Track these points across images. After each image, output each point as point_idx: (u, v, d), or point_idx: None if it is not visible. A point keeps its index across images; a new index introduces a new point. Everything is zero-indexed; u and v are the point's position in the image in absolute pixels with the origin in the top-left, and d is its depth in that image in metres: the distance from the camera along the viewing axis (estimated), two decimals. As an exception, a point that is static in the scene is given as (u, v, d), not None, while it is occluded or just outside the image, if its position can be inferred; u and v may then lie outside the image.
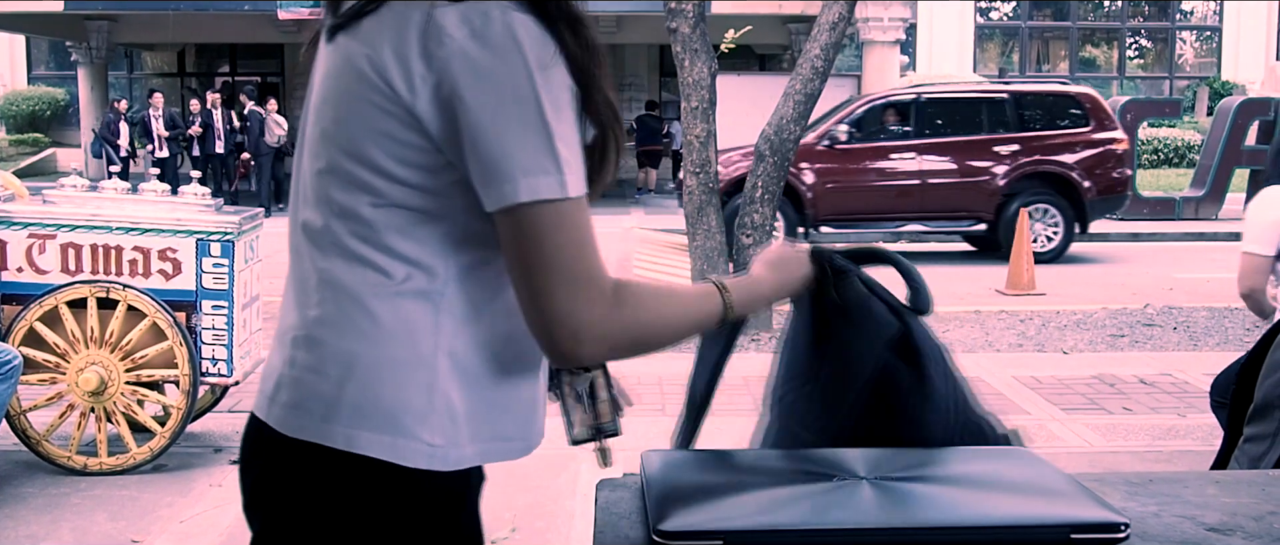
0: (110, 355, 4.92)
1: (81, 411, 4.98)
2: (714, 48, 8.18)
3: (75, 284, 4.89)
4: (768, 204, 8.21)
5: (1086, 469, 5.96)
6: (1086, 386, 6.71)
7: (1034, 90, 14.54)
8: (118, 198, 5.11)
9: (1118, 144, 13.77)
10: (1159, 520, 1.30)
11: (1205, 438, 5.68)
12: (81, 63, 24.62)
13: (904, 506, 1.25)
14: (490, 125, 1.29)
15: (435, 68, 1.30)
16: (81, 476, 4.93)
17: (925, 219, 13.76)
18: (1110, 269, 12.92)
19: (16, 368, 4.60)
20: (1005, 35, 31.13)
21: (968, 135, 13.50)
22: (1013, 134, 13.50)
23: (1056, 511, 1.23)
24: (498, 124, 1.29)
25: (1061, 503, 1.26)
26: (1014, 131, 13.54)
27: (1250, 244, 4.03)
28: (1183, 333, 8.45)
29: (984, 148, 13.49)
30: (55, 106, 28.24)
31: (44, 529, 4.35)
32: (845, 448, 1.53)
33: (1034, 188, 13.36)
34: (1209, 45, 31.11)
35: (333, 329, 1.39)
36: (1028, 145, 13.44)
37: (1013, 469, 1.38)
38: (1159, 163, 25.04)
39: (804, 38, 11.66)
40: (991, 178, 13.37)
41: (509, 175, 1.30)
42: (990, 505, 1.25)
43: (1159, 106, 19.37)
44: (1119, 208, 14.06)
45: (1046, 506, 1.25)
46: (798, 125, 8.22)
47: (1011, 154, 13.41)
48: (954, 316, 9.08)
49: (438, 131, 1.32)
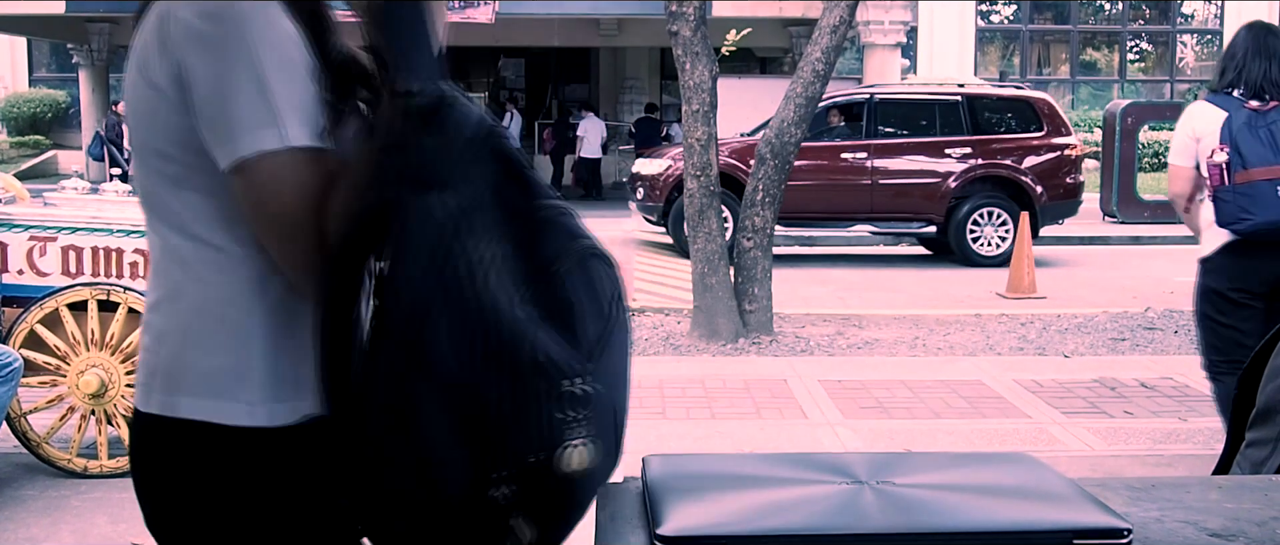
0: (111, 358, 4.92)
1: (82, 414, 4.98)
2: (715, 51, 8.18)
3: (76, 286, 4.89)
4: (768, 207, 8.20)
5: (1087, 473, 5.96)
6: (1087, 390, 6.71)
7: (988, 94, 14.50)
8: (119, 200, 5.12)
9: (1071, 150, 13.76)
10: (1161, 526, 1.30)
11: (1206, 442, 5.68)
12: (83, 65, 24.64)
13: (906, 511, 1.25)
14: (213, 90, 1.41)
15: (170, 48, 1.43)
16: (82, 479, 4.93)
17: (875, 219, 13.76)
18: (1111, 272, 12.91)
19: (17, 370, 4.60)
20: (1006, 38, 31.14)
21: (920, 137, 13.52)
22: (965, 137, 13.49)
23: (1059, 517, 1.23)
24: (220, 87, 1.40)
25: (1064, 508, 1.25)
26: (967, 135, 13.53)
27: (1174, 156, 4.75)
28: (1184, 336, 8.44)
29: (935, 149, 13.49)
30: (56, 109, 28.24)
31: (44, 531, 4.35)
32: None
33: (985, 191, 13.36)
34: (1210, 48, 31.11)
35: (158, 309, 1.56)
36: (979, 148, 13.42)
37: (1014, 474, 1.38)
38: (1160, 166, 25.01)
39: (805, 41, 11.67)
40: (942, 180, 13.36)
41: (232, 134, 1.41)
42: (993, 510, 1.25)
43: (1160, 110, 19.36)
44: (1071, 213, 14.03)
45: (1049, 512, 1.25)
46: (798, 128, 8.22)
47: (962, 156, 13.40)
48: (955, 319, 9.08)
49: (189, 109, 1.44)
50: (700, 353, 7.70)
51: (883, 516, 1.24)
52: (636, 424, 5.48)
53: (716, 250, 8.05)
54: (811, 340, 8.13)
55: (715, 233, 8.05)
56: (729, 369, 7.19)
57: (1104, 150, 17.90)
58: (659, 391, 6.59)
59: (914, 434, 5.79)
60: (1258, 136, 4.34)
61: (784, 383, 6.81)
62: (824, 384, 6.77)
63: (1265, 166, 4.31)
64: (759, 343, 7.98)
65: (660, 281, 11.66)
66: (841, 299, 10.78)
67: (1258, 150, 4.32)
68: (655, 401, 6.37)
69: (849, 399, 6.45)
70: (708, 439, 5.67)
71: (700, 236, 8.07)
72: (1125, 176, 17.25)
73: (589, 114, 23.60)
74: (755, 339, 8.05)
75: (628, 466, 1.56)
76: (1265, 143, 4.33)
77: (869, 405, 6.33)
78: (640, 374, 7.04)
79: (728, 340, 7.96)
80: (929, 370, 7.20)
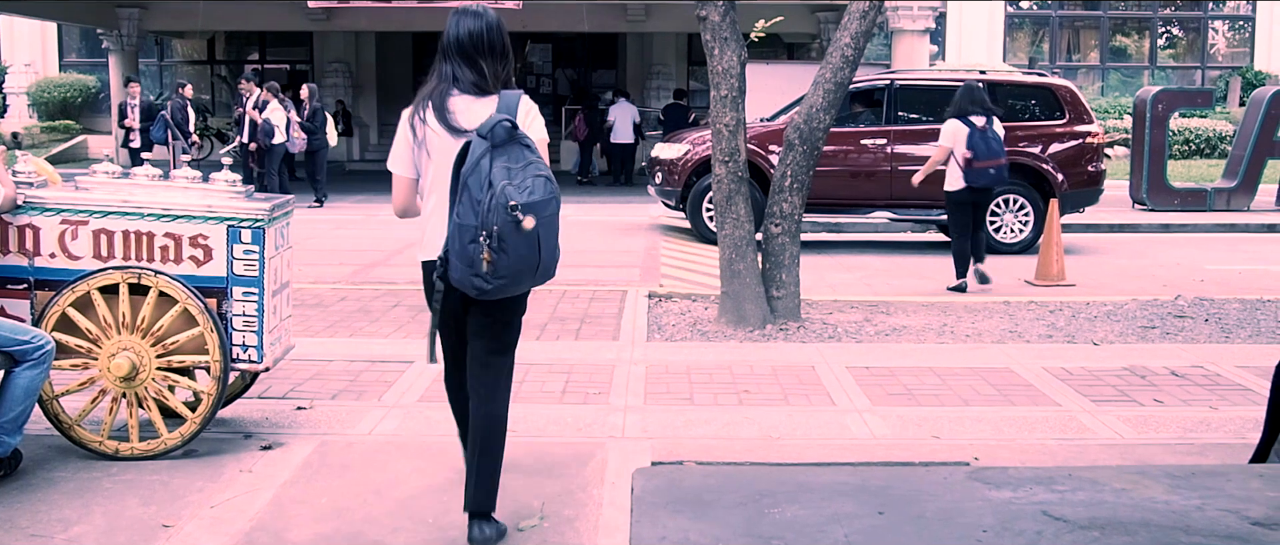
0: (142, 341, 4.94)
1: (113, 397, 5.01)
2: (743, 36, 8.15)
3: (107, 270, 4.92)
4: (796, 193, 8.17)
5: (1118, 461, 5.92)
6: (1117, 378, 6.67)
7: (1011, 80, 14.34)
8: (149, 184, 5.13)
9: (1093, 137, 13.62)
10: (1202, 514, 1.28)
11: (1238, 431, 5.64)
12: (112, 50, 24.77)
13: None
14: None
15: None
16: (113, 461, 4.96)
17: (895, 206, 13.68)
18: (1140, 260, 12.83)
19: (49, 353, 4.63)
20: (1035, 24, 30.93)
21: (940, 123, 13.47)
22: None
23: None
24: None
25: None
26: None
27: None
28: (1214, 325, 8.38)
29: None
30: (86, 94, 28.45)
31: (76, 513, 4.38)
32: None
33: (1006, 178, 13.26)
34: (1242, 35, 30.82)
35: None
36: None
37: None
38: (1190, 153, 24.85)
39: (833, 26, 11.59)
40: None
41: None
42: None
43: (1191, 97, 19.18)
44: (1092, 202, 13.88)
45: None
46: (827, 114, 8.18)
47: None
48: (983, 307, 9.04)
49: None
50: (728, 339, 7.68)
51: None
52: (665, 410, 5.53)
53: (744, 236, 8.02)
54: (839, 327, 8.10)
55: (743, 218, 8.02)
56: (757, 355, 7.18)
57: (1134, 137, 17.76)
58: (686, 377, 6.58)
59: (942, 421, 5.77)
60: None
61: (812, 369, 6.79)
62: (852, 371, 6.75)
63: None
64: (786, 329, 7.96)
65: (686, 267, 11.64)
66: (869, 285, 10.74)
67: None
68: (683, 387, 6.36)
69: (877, 386, 6.43)
70: (735, 425, 5.66)
71: (728, 222, 8.05)
72: (1155, 164, 17.11)
73: (621, 99, 23.59)
74: (783, 325, 8.03)
75: (653, 451, 1.56)
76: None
77: (897, 392, 6.31)
78: (668, 360, 7.04)
79: (755, 326, 7.94)
80: (957, 357, 7.16)
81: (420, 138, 4.08)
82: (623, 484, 4.68)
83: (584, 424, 5.61)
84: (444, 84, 4.09)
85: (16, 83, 28.60)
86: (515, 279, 3.84)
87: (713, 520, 1.93)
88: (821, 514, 2.02)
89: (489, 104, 4.05)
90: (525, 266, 3.83)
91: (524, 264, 3.81)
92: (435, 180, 4.09)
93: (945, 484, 2.17)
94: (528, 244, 3.78)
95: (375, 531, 4.24)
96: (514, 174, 3.76)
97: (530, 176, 3.79)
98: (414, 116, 4.10)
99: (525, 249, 3.78)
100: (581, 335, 7.77)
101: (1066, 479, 1.97)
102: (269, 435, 5.36)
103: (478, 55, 4.09)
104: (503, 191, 3.71)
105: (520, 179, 3.76)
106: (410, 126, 4.11)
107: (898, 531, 1.93)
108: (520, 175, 3.77)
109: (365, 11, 22.72)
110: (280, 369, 6.17)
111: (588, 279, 10.22)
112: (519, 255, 3.78)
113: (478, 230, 3.73)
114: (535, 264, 3.85)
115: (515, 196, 3.71)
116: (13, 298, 4.99)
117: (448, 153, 3.97)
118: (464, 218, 3.76)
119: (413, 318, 8.19)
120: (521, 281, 3.89)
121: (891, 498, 2.08)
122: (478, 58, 4.09)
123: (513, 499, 4.50)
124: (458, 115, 4.04)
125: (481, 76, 4.09)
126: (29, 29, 28.71)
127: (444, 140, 4.02)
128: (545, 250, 3.86)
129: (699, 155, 13.63)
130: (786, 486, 2.16)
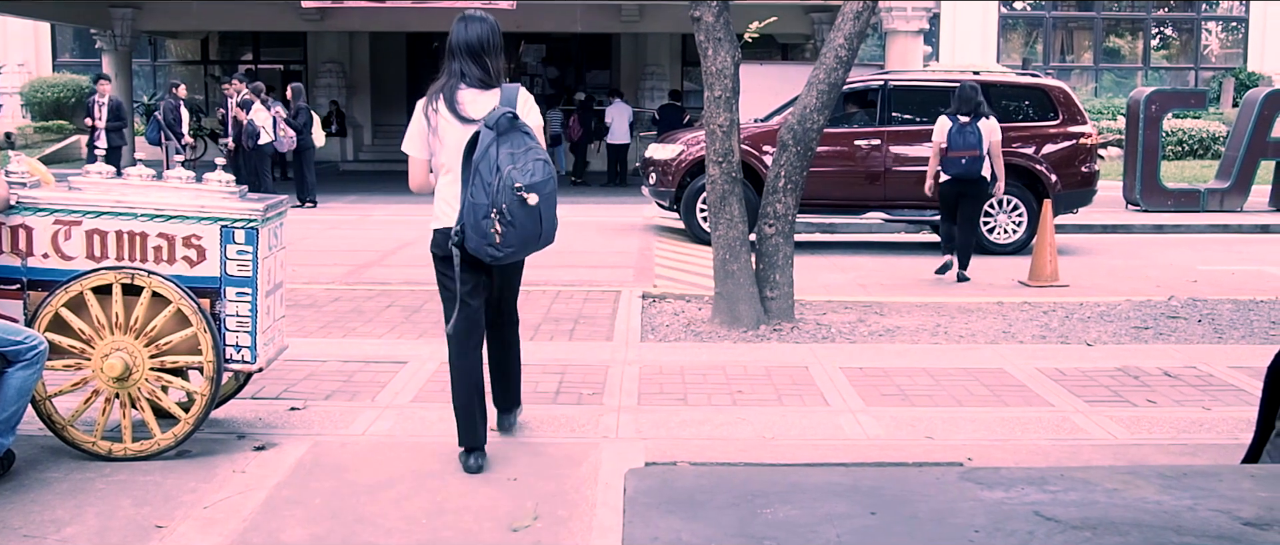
0: (135, 341, 4.94)
1: (106, 397, 5.00)
2: (737, 37, 8.15)
3: (100, 270, 4.91)
4: (790, 194, 8.18)
5: (1111, 461, 5.93)
6: (1110, 379, 6.68)
7: (1004, 81, 14.34)
8: (142, 184, 5.12)
9: (1087, 138, 13.63)
10: (1194, 514, 1.28)
11: (1230, 431, 5.65)
12: (106, 50, 24.73)
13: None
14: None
15: None
16: (106, 462, 4.95)
17: (889, 207, 13.68)
18: (1134, 261, 12.85)
19: (42, 353, 4.63)
20: (1029, 25, 30.98)
21: (933, 124, 13.48)
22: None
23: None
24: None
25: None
26: None
27: None
28: (1208, 325, 8.40)
29: None
30: (80, 94, 28.40)
31: (68, 514, 4.37)
32: None
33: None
34: (1235, 36, 30.89)
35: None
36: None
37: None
38: (1184, 154, 24.90)
39: (827, 27, 11.60)
40: None
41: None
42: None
43: (1184, 98, 19.23)
44: (1086, 202, 13.89)
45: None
46: (821, 115, 8.19)
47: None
48: (976, 307, 9.05)
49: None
50: (721, 339, 7.68)
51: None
52: (659, 410, 5.54)
53: (738, 237, 8.02)
54: (833, 327, 8.11)
55: (737, 219, 8.02)
56: (750, 356, 7.18)
57: (1127, 138, 17.79)
58: (680, 378, 6.58)
59: (935, 421, 5.78)
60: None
61: (805, 370, 6.80)
62: (845, 371, 6.76)
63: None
64: (780, 329, 7.96)
65: (680, 268, 11.65)
66: (862, 286, 10.76)
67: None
68: (677, 388, 6.36)
69: (870, 386, 6.43)
70: (729, 425, 5.66)
71: (722, 223, 8.05)
72: (1149, 164, 17.15)
73: (617, 99, 23.59)
74: (777, 326, 8.04)
75: (648, 453, 1.56)
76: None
77: (890, 393, 6.32)
78: (662, 361, 7.04)
79: (749, 327, 7.95)
80: (951, 358, 7.17)
81: (433, 125, 4.80)
82: (616, 484, 4.68)
83: (578, 425, 5.61)
84: (454, 79, 4.80)
85: (10, 83, 28.58)
86: (522, 247, 4.67)
87: (705, 521, 1.94)
88: (814, 514, 2.03)
89: (492, 96, 4.77)
90: (530, 236, 4.64)
91: (529, 234, 4.63)
92: (446, 161, 4.80)
93: (938, 484, 2.17)
94: (531, 217, 4.59)
95: (368, 532, 4.24)
96: (517, 158, 4.54)
97: (531, 160, 4.58)
98: (428, 107, 4.82)
99: (530, 222, 4.60)
100: (575, 336, 7.77)
101: (1059, 479, 1.98)
102: (262, 436, 5.35)
103: (483, 54, 4.80)
104: (509, 175, 4.50)
105: (523, 163, 4.55)
106: (424, 115, 4.83)
107: (890, 532, 1.93)
108: (522, 159, 4.56)
109: (359, 12, 22.71)
110: (274, 369, 6.16)
111: (582, 280, 10.22)
112: (525, 227, 4.59)
113: (489, 208, 4.52)
114: (538, 234, 4.67)
115: (520, 178, 4.51)
116: (6, 298, 4.97)
117: (457, 137, 4.72)
118: (476, 198, 4.53)
119: (406, 318, 8.18)
120: (527, 248, 4.72)
121: (884, 498, 2.08)
122: (483, 56, 4.81)
123: (507, 499, 4.50)
124: (465, 106, 4.75)
125: (486, 72, 4.80)
126: (22, 29, 28.68)
127: (454, 127, 4.74)
128: (546, 222, 4.68)
129: (693, 156, 13.64)
130: (779, 487, 2.16)
